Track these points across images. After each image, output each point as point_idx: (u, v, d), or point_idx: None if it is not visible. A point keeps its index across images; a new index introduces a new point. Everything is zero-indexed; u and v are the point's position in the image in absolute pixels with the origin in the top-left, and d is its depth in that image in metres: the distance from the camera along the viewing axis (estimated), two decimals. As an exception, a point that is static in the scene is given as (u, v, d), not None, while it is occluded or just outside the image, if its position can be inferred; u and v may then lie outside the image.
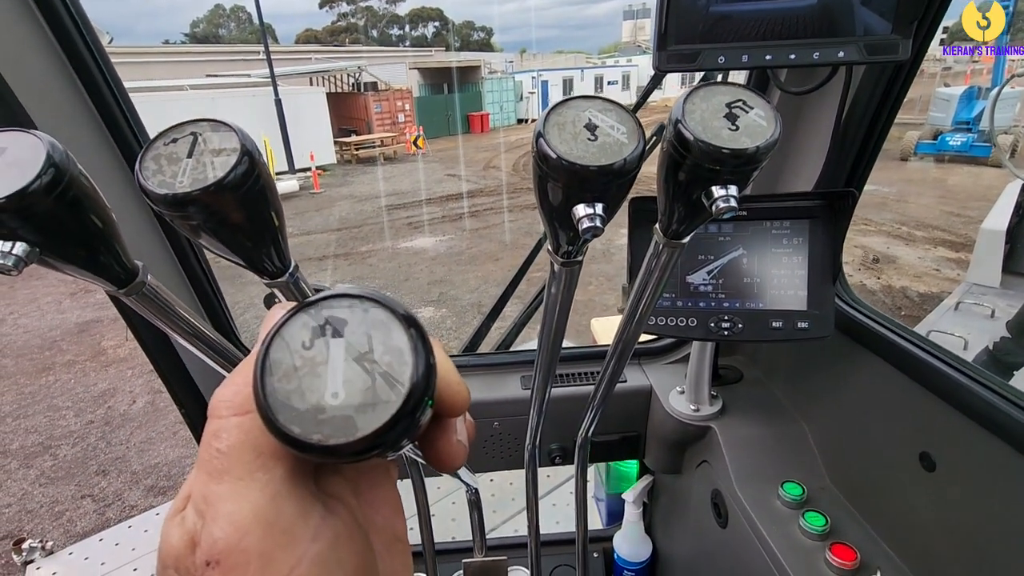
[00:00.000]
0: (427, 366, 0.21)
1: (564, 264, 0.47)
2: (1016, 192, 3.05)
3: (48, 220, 0.29)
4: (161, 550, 0.21)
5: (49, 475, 3.40)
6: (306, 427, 0.19)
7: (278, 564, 0.20)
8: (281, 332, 0.21)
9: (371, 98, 18.08)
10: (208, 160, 0.30)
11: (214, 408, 0.23)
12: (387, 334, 0.21)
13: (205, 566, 0.20)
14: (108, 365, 4.70)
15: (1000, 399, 0.72)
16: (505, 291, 1.46)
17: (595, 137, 0.34)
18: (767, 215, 0.93)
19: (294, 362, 0.20)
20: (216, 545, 0.20)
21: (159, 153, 0.30)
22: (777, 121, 0.37)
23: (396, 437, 0.20)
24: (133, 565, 2.39)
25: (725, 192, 0.38)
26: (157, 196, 0.29)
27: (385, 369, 0.20)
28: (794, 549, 0.91)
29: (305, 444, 0.19)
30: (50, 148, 0.28)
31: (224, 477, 0.21)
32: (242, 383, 0.23)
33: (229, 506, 0.20)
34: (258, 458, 0.21)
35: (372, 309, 0.21)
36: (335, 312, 0.21)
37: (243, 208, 0.32)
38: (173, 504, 0.23)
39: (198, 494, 0.21)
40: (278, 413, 0.20)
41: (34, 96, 0.74)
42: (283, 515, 0.21)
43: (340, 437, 0.19)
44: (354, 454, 0.20)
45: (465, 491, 0.87)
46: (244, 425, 0.22)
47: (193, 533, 0.21)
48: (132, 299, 0.39)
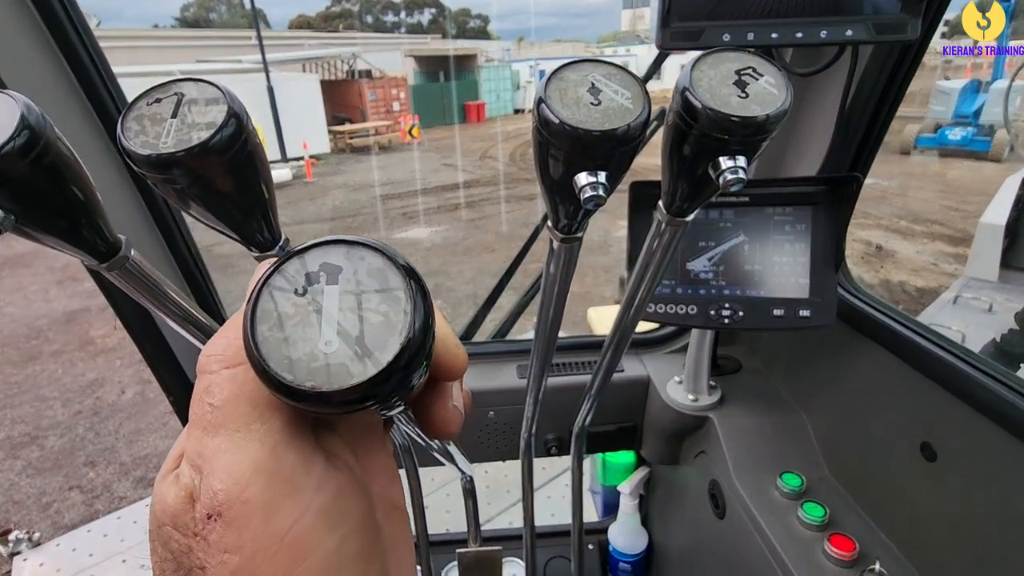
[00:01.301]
0: (425, 316, 0.20)
1: (564, 240, 0.45)
2: (1015, 187, 3.05)
3: (23, 186, 0.28)
4: (155, 509, 0.21)
5: (36, 466, 3.36)
6: (299, 375, 0.19)
7: (282, 514, 0.20)
8: (273, 279, 0.20)
9: (365, 86, 17.90)
10: (193, 121, 0.28)
11: (203, 364, 0.22)
12: (384, 281, 0.20)
13: (207, 520, 0.19)
14: (96, 355, 4.64)
15: (1005, 388, 0.70)
16: (501, 280, 1.44)
17: (598, 102, 0.33)
18: (769, 201, 0.91)
19: (286, 309, 0.20)
20: (217, 497, 0.19)
21: (141, 113, 0.29)
22: (788, 89, 0.35)
23: (391, 389, 0.19)
24: (122, 556, 2.37)
25: (733, 163, 0.36)
26: (140, 157, 0.28)
27: (382, 318, 0.19)
28: (793, 540, 0.90)
29: (298, 392, 0.18)
30: (24, 109, 0.27)
31: (219, 431, 0.20)
32: (232, 336, 0.22)
33: (227, 458, 0.20)
34: (254, 410, 0.21)
35: (368, 256, 0.20)
36: (329, 259, 0.20)
37: (230, 173, 0.30)
38: (164, 465, 0.22)
39: (192, 451, 0.21)
40: (270, 361, 0.19)
41: (8, 62, 0.70)
42: (284, 465, 0.20)
43: (334, 385, 0.18)
44: (347, 403, 0.19)
45: (460, 479, 0.85)
46: (237, 378, 0.21)
47: (190, 489, 0.20)
48: (115, 275, 0.37)
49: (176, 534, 0.20)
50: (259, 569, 0.19)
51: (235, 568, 0.19)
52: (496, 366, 1.28)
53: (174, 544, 0.20)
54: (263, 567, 0.19)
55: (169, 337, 1.00)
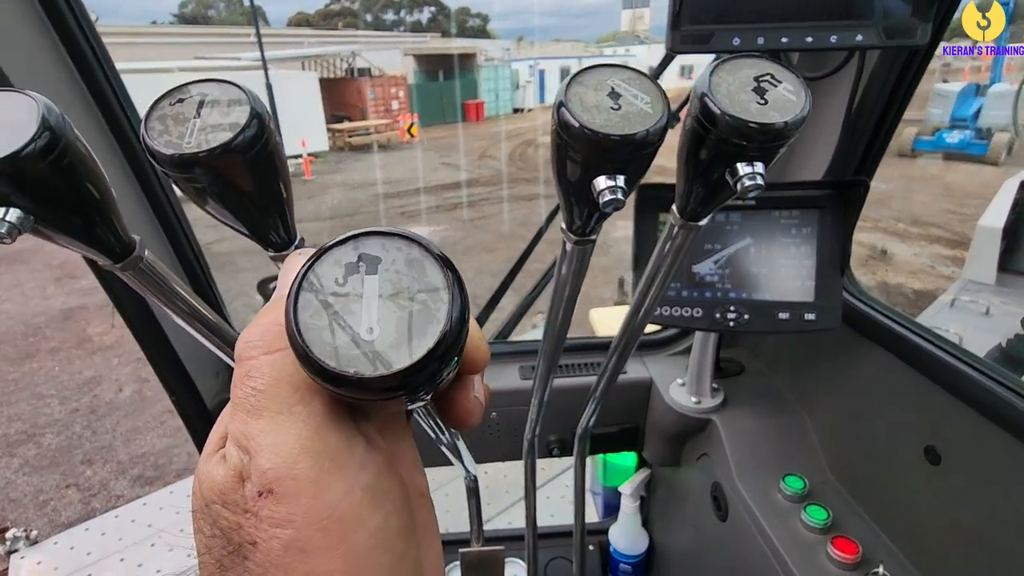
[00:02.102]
0: (462, 308, 0.20)
1: (577, 242, 0.45)
2: (1013, 190, 3.07)
3: (43, 187, 0.28)
4: (202, 487, 0.21)
5: (33, 464, 3.34)
6: (341, 361, 0.19)
7: (331, 490, 0.20)
8: (314, 268, 0.21)
9: (365, 84, 17.86)
10: (216, 121, 0.29)
11: (242, 350, 0.22)
12: (422, 272, 0.21)
13: (258, 497, 0.20)
14: (94, 353, 4.62)
15: (1010, 392, 0.71)
16: (504, 281, 1.44)
17: (618, 106, 0.33)
18: (775, 204, 0.91)
19: (328, 298, 0.20)
20: (267, 475, 0.20)
21: (164, 113, 0.29)
22: (807, 96, 0.36)
23: (428, 377, 0.20)
24: (120, 555, 2.36)
25: (751, 169, 0.36)
26: (163, 156, 0.28)
27: (421, 307, 0.20)
28: (795, 542, 0.90)
29: (340, 377, 0.19)
30: (45, 110, 0.27)
31: (263, 413, 0.21)
32: (268, 323, 0.23)
33: (273, 439, 0.20)
34: (295, 393, 0.21)
35: (406, 247, 0.21)
36: (368, 249, 0.21)
37: (250, 173, 0.31)
38: (207, 446, 0.23)
39: (237, 432, 0.21)
40: (313, 347, 0.19)
41: (20, 66, 0.70)
42: (329, 445, 0.21)
43: (375, 371, 0.19)
44: (387, 390, 0.19)
45: (464, 478, 0.85)
46: (276, 363, 0.22)
47: (240, 468, 0.21)
48: (128, 275, 0.37)
49: (225, 511, 0.20)
50: (311, 542, 0.20)
51: (288, 541, 0.20)
52: (499, 367, 1.28)
53: (223, 521, 0.20)
54: (315, 539, 0.20)
55: (173, 339, 1.00)
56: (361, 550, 0.21)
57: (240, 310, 3.72)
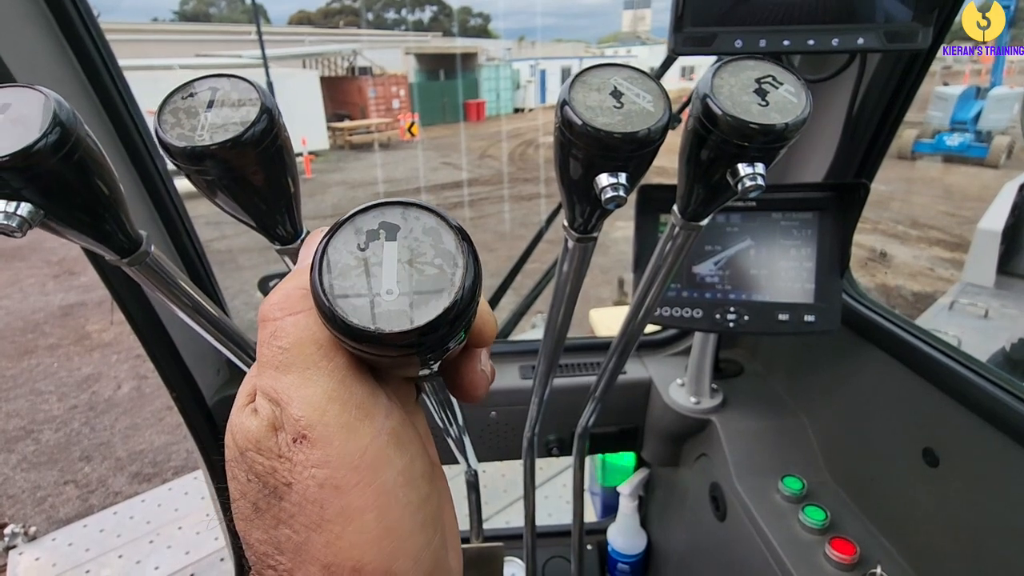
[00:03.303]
0: (476, 269, 0.22)
1: (579, 240, 0.45)
2: (1013, 193, 3.07)
3: (54, 181, 0.28)
4: (236, 437, 0.23)
5: (31, 460, 3.34)
6: (363, 318, 0.20)
7: (360, 434, 0.22)
8: (337, 234, 0.22)
9: (366, 83, 17.85)
10: (227, 115, 0.30)
11: (266, 312, 0.24)
12: (438, 239, 0.22)
13: (293, 443, 0.21)
14: (92, 349, 4.61)
15: (1008, 395, 0.71)
16: (504, 281, 1.44)
17: (621, 105, 0.33)
18: (776, 206, 0.92)
19: (350, 261, 0.22)
20: (299, 423, 0.21)
21: (177, 107, 0.30)
22: (808, 98, 0.36)
23: (441, 337, 0.21)
24: (118, 552, 2.36)
25: (752, 170, 0.37)
26: (176, 149, 0.29)
27: (436, 270, 0.21)
28: (793, 543, 0.91)
29: (362, 333, 0.20)
30: (56, 106, 0.28)
31: (290, 369, 0.22)
32: (291, 287, 0.24)
33: (302, 391, 0.22)
34: (319, 350, 0.23)
35: (423, 216, 0.23)
36: (388, 218, 0.22)
37: (260, 166, 0.31)
38: (237, 402, 0.24)
39: (267, 387, 0.22)
40: (337, 305, 0.20)
41: (24, 63, 0.70)
42: (355, 395, 0.23)
43: (394, 327, 0.20)
44: (405, 346, 0.21)
45: (465, 472, 0.85)
46: (300, 323, 0.23)
47: (272, 419, 0.22)
48: (134, 270, 0.38)
49: (260, 457, 0.22)
50: (345, 480, 0.21)
51: (323, 480, 0.21)
52: (498, 366, 1.28)
53: (258, 467, 0.22)
54: (348, 477, 0.21)
55: (172, 332, 1.00)
56: (391, 487, 0.22)
57: (240, 308, 3.72)
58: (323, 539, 0.21)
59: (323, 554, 0.21)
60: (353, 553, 0.21)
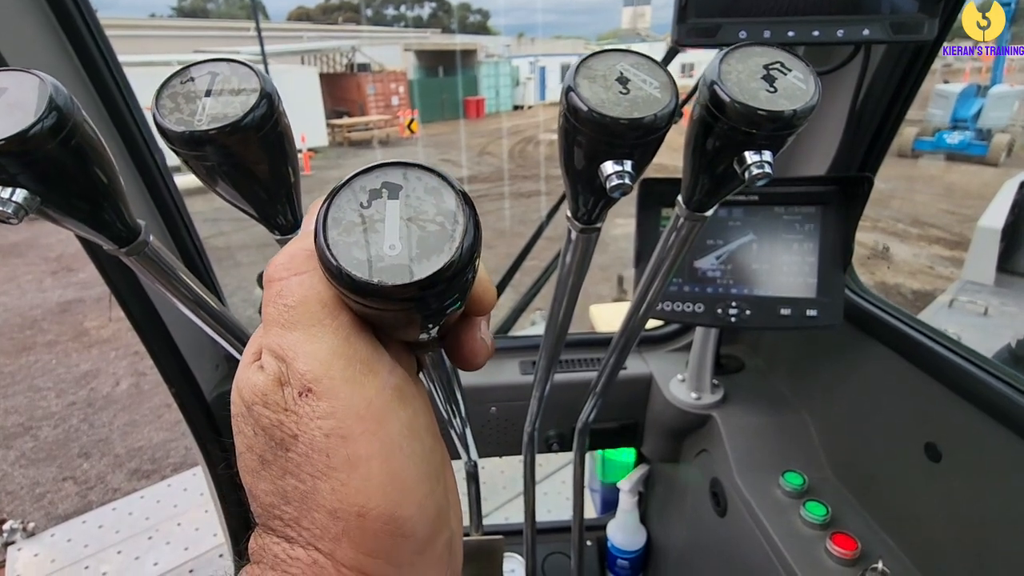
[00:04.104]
0: (476, 229, 0.22)
1: (583, 230, 0.45)
2: (1013, 191, 3.07)
3: (50, 167, 0.28)
4: (242, 392, 0.23)
5: (30, 456, 3.33)
6: (365, 272, 0.21)
7: (365, 387, 0.23)
8: (341, 193, 0.23)
9: (365, 80, 17.79)
10: (227, 100, 0.29)
11: (272, 273, 0.24)
12: (439, 198, 0.22)
13: (299, 397, 0.22)
14: (91, 346, 4.60)
15: (1011, 389, 0.71)
16: (504, 277, 1.43)
17: (627, 91, 0.33)
18: (779, 200, 0.91)
19: (353, 219, 0.22)
20: (305, 377, 0.22)
21: (176, 91, 0.30)
22: (816, 84, 0.36)
23: (443, 291, 0.21)
24: (117, 548, 2.36)
25: (759, 158, 0.36)
26: (174, 134, 0.28)
27: (438, 227, 0.22)
28: (794, 538, 0.90)
29: (366, 286, 0.21)
30: (53, 90, 0.27)
31: (296, 327, 0.23)
32: (296, 249, 0.24)
33: (307, 347, 0.22)
34: (324, 308, 0.23)
35: (424, 176, 0.23)
36: (390, 178, 0.23)
37: (260, 152, 0.31)
38: (243, 359, 0.24)
39: (273, 344, 0.23)
40: (340, 260, 0.21)
41: (20, 53, 0.69)
42: (359, 351, 0.23)
43: (397, 280, 0.21)
44: (407, 299, 0.21)
45: (465, 463, 0.84)
46: (305, 282, 0.23)
47: (277, 375, 0.22)
48: (132, 260, 0.37)
49: (267, 411, 0.22)
50: (351, 429, 0.22)
51: (329, 430, 0.22)
52: (499, 362, 1.28)
53: (265, 420, 0.22)
54: (354, 427, 0.22)
55: (171, 327, 0.99)
56: (395, 437, 0.23)
57: (239, 305, 3.70)
58: (329, 486, 0.22)
59: (329, 500, 0.22)
60: (358, 499, 0.22)
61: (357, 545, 0.22)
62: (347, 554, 0.22)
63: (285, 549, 0.22)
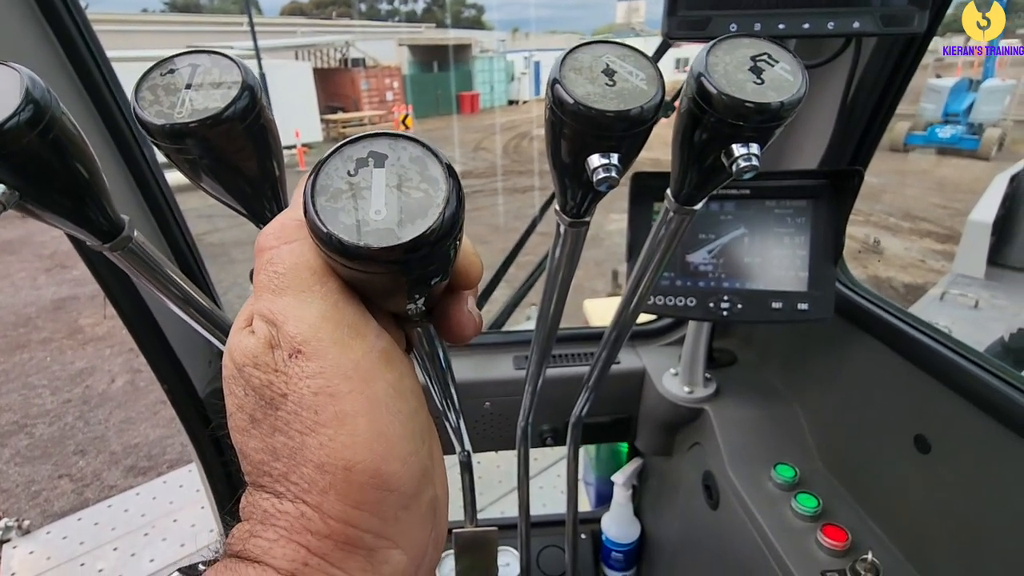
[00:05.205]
0: (459, 195, 0.23)
1: (571, 224, 0.45)
2: (1004, 185, 3.09)
3: (28, 161, 0.28)
4: (233, 355, 0.24)
5: (25, 454, 3.32)
6: (352, 236, 0.21)
7: (353, 349, 0.24)
8: (329, 162, 0.23)
9: (359, 75, 17.69)
10: (207, 92, 0.29)
11: (263, 241, 0.25)
12: (424, 167, 0.23)
13: (288, 359, 0.23)
14: (86, 343, 4.58)
15: (999, 381, 0.71)
16: (497, 272, 1.43)
17: (613, 83, 0.33)
18: (770, 193, 0.91)
19: (341, 186, 0.23)
20: (295, 339, 0.23)
21: (155, 83, 0.29)
22: (804, 76, 0.36)
23: (427, 255, 0.22)
24: (113, 545, 2.36)
25: (747, 150, 0.36)
26: (154, 127, 0.28)
27: (422, 194, 0.23)
28: (786, 530, 0.91)
29: (353, 249, 0.21)
30: (29, 83, 0.27)
31: (286, 292, 0.24)
32: (286, 219, 0.25)
33: (297, 312, 0.23)
34: (313, 275, 0.24)
35: (409, 147, 0.24)
36: (376, 148, 0.24)
37: (243, 145, 0.31)
38: (235, 324, 0.25)
39: (263, 309, 0.24)
40: (328, 225, 0.21)
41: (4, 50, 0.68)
42: (347, 315, 0.24)
43: (383, 243, 0.21)
44: (393, 262, 0.22)
45: (458, 453, 0.84)
46: (295, 250, 0.24)
47: (268, 338, 0.23)
48: (117, 255, 0.37)
49: (257, 372, 0.23)
50: (338, 388, 0.23)
51: (317, 389, 0.23)
52: (493, 357, 1.28)
53: (255, 380, 0.23)
54: (341, 385, 0.23)
55: (163, 324, 0.99)
56: (382, 397, 0.24)
57: (234, 302, 3.69)
58: (317, 441, 0.22)
59: (316, 455, 0.22)
60: (345, 453, 0.22)
61: (344, 498, 0.23)
62: (334, 507, 0.22)
63: (274, 504, 0.23)
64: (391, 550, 0.24)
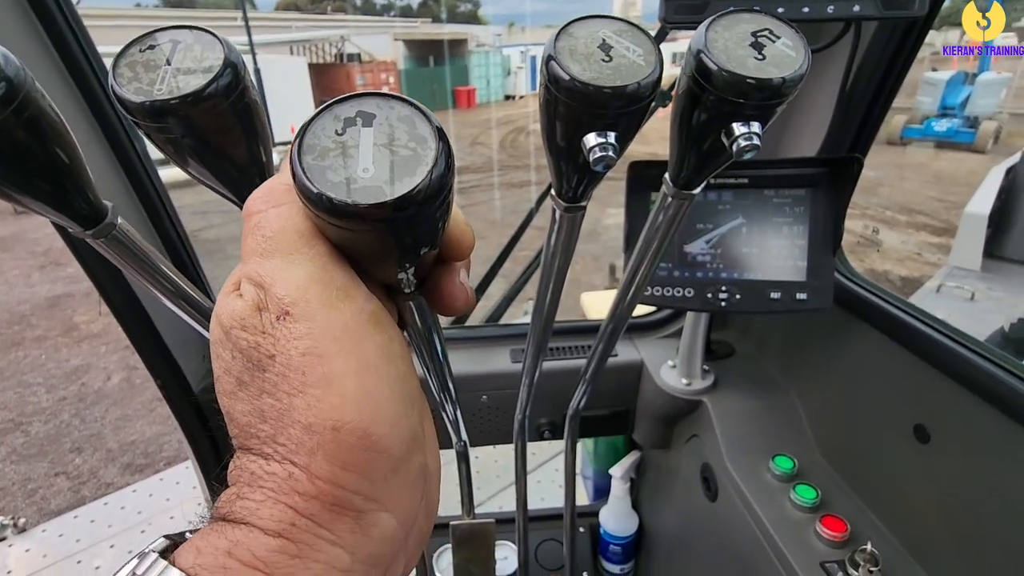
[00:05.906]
0: (448, 153, 0.23)
1: (567, 209, 0.44)
2: (999, 178, 3.09)
3: (2, 140, 0.27)
4: (221, 318, 0.24)
5: (21, 452, 3.31)
6: (340, 193, 0.21)
7: (341, 311, 0.23)
8: (316, 121, 0.23)
9: (354, 70, 17.59)
10: (189, 68, 0.28)
11: (251, 206, 0.25)
12: (412, 125, 0.23)
13: (276, 320, 0.23)
14: (81, 341, 4.56)
15: (1000, 370, 0.71)
16: (493, 266, 1.43)
17: (610, 59, 0.32)
18: (768, 183, 0.90)
19: (328, 145, 0.22)
20: (283, 301, 0.23)
21: (134, 60, 0.28)
22: (806, 52, 0.34)
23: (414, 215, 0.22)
24: (110, 542, 2.35)
25: (747, 129, 0.35)
26: (133, 104, 0.27)
27: (411, 152, 0.22)
28: (784, 521, 0.91)
29: (341, 206, 0.21)
30: (2, 60, 0.26)
31: (273, 255, 0.23)
32: (275, 183, 0.25)
33: (285, 274, 0.23)
34: (301, 238, 0.24)
35: (398, 106, 0.23)
36: (364, 107, 0.23)
37: (226, 125, 0.30)
38: (224, 288, 0.25)
39: (251, 272, 0.23)
40: (316, 183, 0.21)
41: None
42: (335, 278, 0.24)
43: (371, 200, 0.21)
44: (382, 220, 0.21)
45: (455, 444, 0.83)
46: (283, 213, 0.24)
47: (256, 300, 0.23)
48: (101, 243, 0.36)
49: (244, 334, 0.23)
50: (326, 349, 0.23)
51: (305, 350, 0.22)
52: (489, 350, 1.27)
53: (243, 343, 0.23)
54: (329, 347, 0.23)
55: (156, 320, 0.97)
56: (370, 358, 0.24)
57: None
58: (304, 402, 0.22)
59: (304, 416, 0.22)
60: (333, 414, 0.22)
61: (331, 458, 0.22)
62: (322, 467, 0.22)
63: (261, 466, 0.23)
64: (380, 512, 0.24)
